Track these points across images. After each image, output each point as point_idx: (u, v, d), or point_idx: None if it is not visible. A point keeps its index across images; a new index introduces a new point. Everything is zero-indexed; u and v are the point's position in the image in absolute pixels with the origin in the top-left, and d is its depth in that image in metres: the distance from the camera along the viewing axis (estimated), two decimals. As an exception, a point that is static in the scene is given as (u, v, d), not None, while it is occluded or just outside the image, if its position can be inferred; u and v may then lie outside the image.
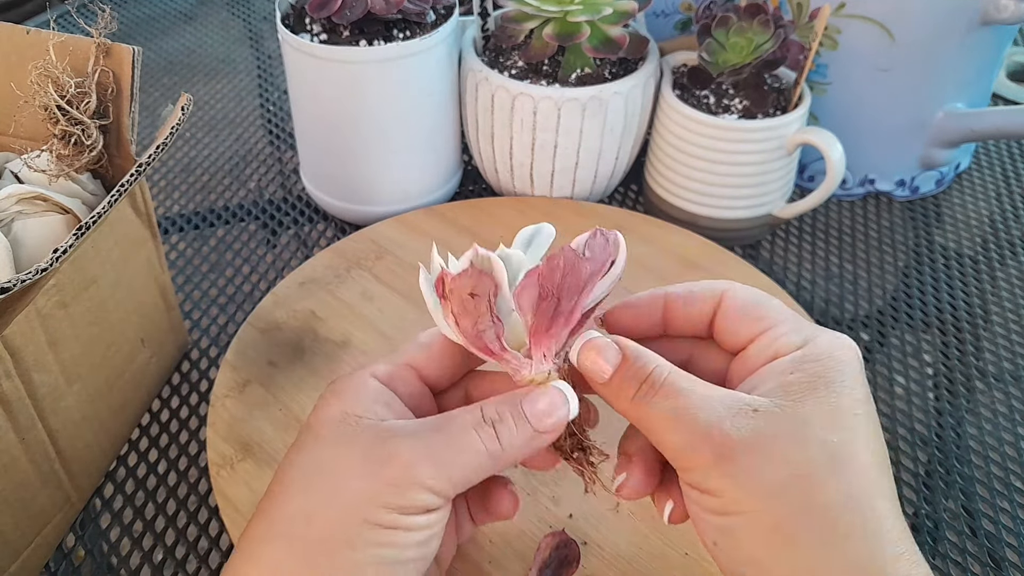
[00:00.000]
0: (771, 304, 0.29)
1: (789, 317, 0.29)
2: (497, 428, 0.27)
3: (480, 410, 0.28)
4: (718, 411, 0.26)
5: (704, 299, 0.30)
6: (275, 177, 0.68)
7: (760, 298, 0.30)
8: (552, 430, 0.28)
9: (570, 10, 0.53)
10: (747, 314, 0.29)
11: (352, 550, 0.25)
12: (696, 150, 0.56)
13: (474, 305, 0.27)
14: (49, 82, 0.39)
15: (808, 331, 0.28)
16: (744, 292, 0.30)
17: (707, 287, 0.30)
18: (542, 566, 0.39)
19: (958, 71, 0.59)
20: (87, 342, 0.40)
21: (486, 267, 0.27)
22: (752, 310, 0.29)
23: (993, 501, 0.45)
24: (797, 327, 0.28)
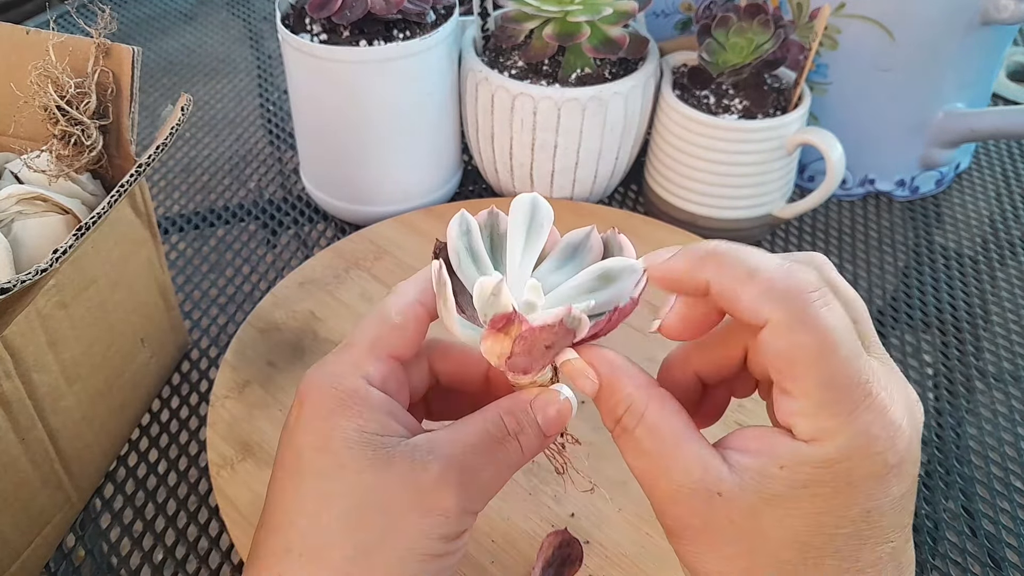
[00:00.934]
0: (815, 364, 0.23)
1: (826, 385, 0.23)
2: (520, 439, 0.27)
3: (502, 422, 0.27)
4: (678, 484, 0.24)
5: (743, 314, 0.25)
6: (275, 177, 0.68)
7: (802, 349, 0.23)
8: (557, 433, 0.28)
9: (570, 10, 0.53)
10: (778, 369, 0.24)
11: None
12: (696, 150, 0.56)
13: (543, 354, 0.27)
14: (49, 82, 0.39)
15: (837, 421, 0.23)
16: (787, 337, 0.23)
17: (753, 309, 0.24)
18: (545, 565, 0.39)
19: (958, 71, 0.59)
20: (87, 342, 0.40)
21: (575, 326, 0.26)
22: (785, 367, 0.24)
23: (993, 501, 0.45)
24: (827, 409, 0.23)
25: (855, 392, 0.23)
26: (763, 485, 0.23)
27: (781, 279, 0.24)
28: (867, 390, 0.23)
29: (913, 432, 0.24)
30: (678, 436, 0.25)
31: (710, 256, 0.25)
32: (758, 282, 0.24)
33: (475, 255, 0.28)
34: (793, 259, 0.25)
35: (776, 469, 0.23)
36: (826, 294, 0.24)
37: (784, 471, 0.23)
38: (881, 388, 0.23)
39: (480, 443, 0.27)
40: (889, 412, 0.23)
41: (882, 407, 0.23)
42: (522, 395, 0.28)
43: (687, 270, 0.26)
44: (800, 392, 0.23)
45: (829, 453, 0.23)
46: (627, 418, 0.26)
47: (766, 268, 0.24)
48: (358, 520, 0.25)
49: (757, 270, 0.24)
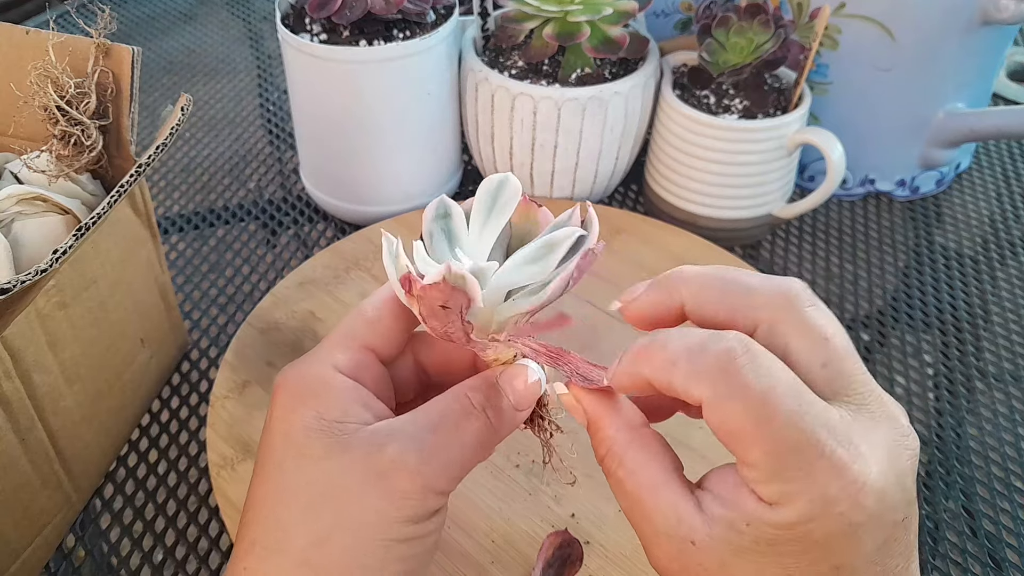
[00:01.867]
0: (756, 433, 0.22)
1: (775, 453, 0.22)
2: (489, 414, 0.27)
3: (467, 398, 0.27)
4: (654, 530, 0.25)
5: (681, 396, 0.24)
6: (275, 177, 0.68)
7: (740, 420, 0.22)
8: (528, 407, 0.28)
9: (570, 10, 0.53)
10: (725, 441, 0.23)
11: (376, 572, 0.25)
12: (696, 150, 0.56)
13: (444, 314, 0.27)
14: (49, 82, 0.39)
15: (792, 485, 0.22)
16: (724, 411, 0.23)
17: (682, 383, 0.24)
18: (545, 565, 0.39)
19: (958, 71, 0.59)
20: (87, 342, 0.40)
21: (459, 284, 0.26)
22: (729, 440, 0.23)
23: (993, 501, 0.45)
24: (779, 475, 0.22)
25: (805, 454, 0.22)
26: (731, 539, 0.23)
27: (698, 358, 0.23)
28: (819, 451, 0.22)
29: (889, 482, 0.23)
30: (655, 484, 0.25)
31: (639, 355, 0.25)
32: (680, 367, 0.24)
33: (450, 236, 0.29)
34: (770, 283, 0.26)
35: (743, 526, 0.23)
36: (755, 356, 0.23)
37: (750, 528, 0.23)
38: (839, 444, 0.22)
39: (442, 421, 0.27)
40: (849, 470, 0.22)
41: (840, 466, 0.22)
42: (488, 373, 0.28)
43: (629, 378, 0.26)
44: (750, 461, 0.23)
45: (790, 517, 0.22)
46: (608, 460, 0.26)
47: (685, 349, 0.24)
48: (315, 508, 0.25)
49: (677, 355, 0.24)
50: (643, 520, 0.25)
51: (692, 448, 0.43)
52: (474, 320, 0.27)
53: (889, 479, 0.23)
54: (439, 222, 0.29)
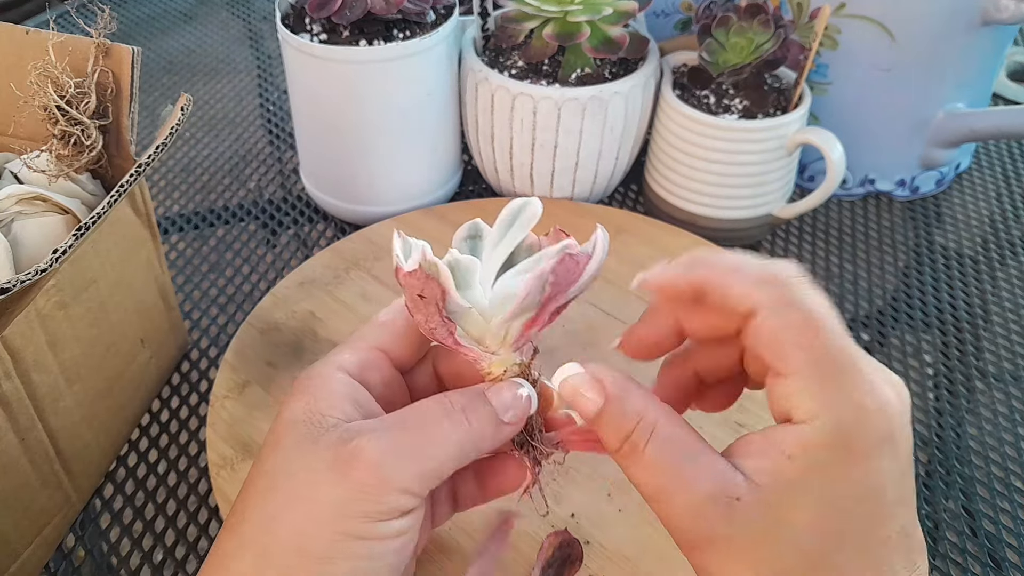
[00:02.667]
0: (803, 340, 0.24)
1: (817, 361, 0.24)
2: (467, 414, 0.27)
3: (447, 400, 0.27)
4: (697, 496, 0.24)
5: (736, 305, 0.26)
6: (275, 177, 0.68)
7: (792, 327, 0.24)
8: (516, 422, 0.28)
9: (570, 10, 0.53)
10: (771, 349, 0.25)
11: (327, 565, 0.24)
12: (696, 150, 0.56)
13: (423, 305, 0.27)
14: (49, 82, 0.39)
15: (831, 393, 0.23)
16: (777, 317, 0.24)
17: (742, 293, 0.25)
18: (545, 565, 0.39)
19: (958, 71, 0.59)
20: (87, 342, 0.40)
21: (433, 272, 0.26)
22: (776, 347, 0.24)
23: (993, 501, 0.45)
24: (820, 383, 0.23)
25: (845, 366, 0.24)
26: (776, 480, 0.24)
27: (765, 269, 0.26)
28: (857, 366, 0.24)
29: (903, 409, 0.24)
30: (692, 448, 0.25)
31: (700, 260, 0.27)
32: (745, 274, 0.26)
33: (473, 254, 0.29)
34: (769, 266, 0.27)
35: (785, 460, 0.24)
36: (807, 282, 0.25)
37: (792, 460, 0.24)
38: (869, 367, 0.24)
39: (415, 420, 0.26)
40: (880, 389, 0.24)
41: (871, 378, 0.24)
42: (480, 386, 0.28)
43: (682, 274, 0.27)
44: (792, 370, 0.24)
45: (828, 427, 0.23)
46: (638, 433, 0.25)
47: (750, 263, 0.26)
48: (272, 490, 0.25)
49: (743, 265, 0.26)
50: (680, 491, 0.25)
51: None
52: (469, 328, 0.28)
53: (903, 408, 0.24)
54: (468, 242, 0.30)
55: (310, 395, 0.27)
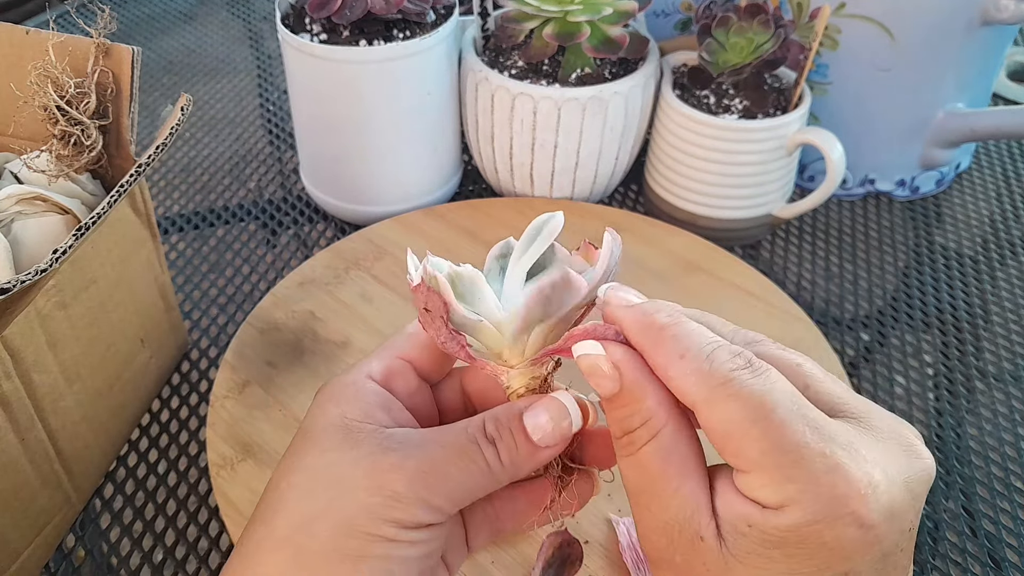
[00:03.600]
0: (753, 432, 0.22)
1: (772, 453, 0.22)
2: (499, 446, 0.27)
3: (482, 425, 0.27)
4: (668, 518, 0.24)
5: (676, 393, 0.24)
6: (275, 177, 0.68)
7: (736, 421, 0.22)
8: (555, 444, 0.27)
9: (570, 10, 0.53)
10: (720, 446, 0.23)
11: (356, 562, 0.25)
12: (696, 150, 0.56)
13: (430, 318, 0.27)
14: (49, 82, 0.39)
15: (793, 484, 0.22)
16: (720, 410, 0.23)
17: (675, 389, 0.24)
18: (545, 565, 0.39)
19: (958, 71, 0.59)
20: (87, 342, 0.40)
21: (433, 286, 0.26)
22: (725, 443, 0.23)
23: (993, 501, 0.45)
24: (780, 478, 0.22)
25: (805, 454, 0.22)
26: (736, 541, 0.23)
27: (705, 360, 0.23)
28: (820, 451, 0.22)
29: (897, 487, 0.22)
30: (684, 468, 0.24)
31: (654, 327, 0.25)
32: (686, 363, 0.24)
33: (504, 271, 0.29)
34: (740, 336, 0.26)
35: (745, 527, 0.23)
36: (757, 368, 0.23)
37: (753, 531, 0.23)
38: (840, 447, 0.22)
39: (451, 442, 0.27)
40: (853, 472, 0.22)
41: (844, 467, 0.22)
42: (517, 403, 0.28)
43: (630, 331, 0.25)
44: (747, 465, 0.23)
45: (796, 519, 0.22)
46: (641, 432, 0.25)
47: (697, 348, 0.24)
48: (309, 491, 0.26)
49: (687, 351, 0.24)
50: (658, 504, 0.24)
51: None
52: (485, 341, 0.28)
53: (898, 485, 0.22)
54: (500, 260, 0.30)
55: (346, 403, 0.28)
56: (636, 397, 0.25)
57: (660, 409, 0.25)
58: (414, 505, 0.26)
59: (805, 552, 0.22)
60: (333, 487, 0.26)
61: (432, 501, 0.26)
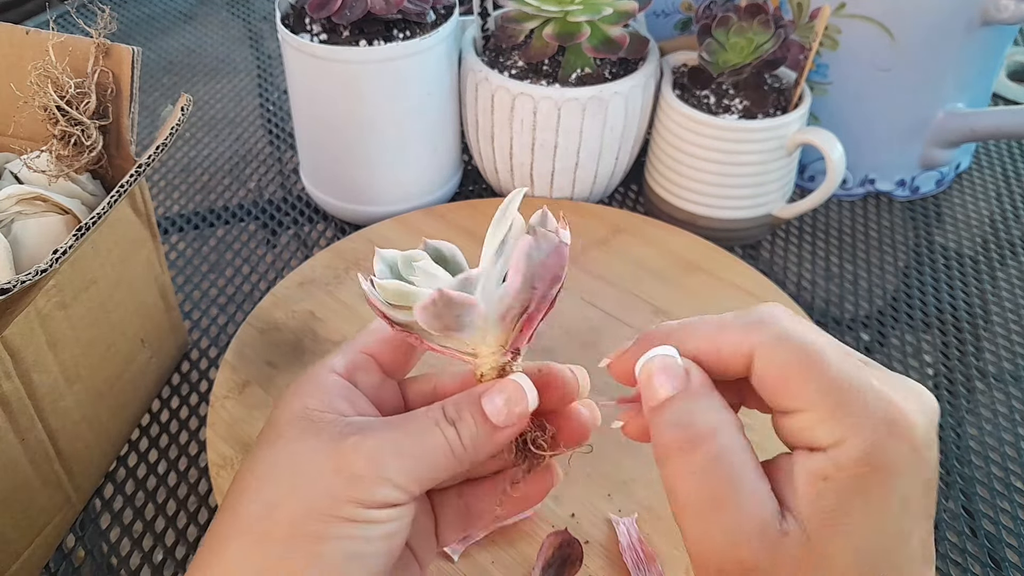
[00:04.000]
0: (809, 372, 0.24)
1: (827, 391, 0.23)
2: (458, 427, 0.27)
3: (441, 409, 0.28)
4: (745, 523, 0.23)
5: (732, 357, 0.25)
6: (275, 177, 0.68)
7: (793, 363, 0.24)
8: (513, 424, 0.28)
9: (570, 10, 0.53)
10: (776, 390, 0.24)
11: (317, 544, 0.25)
12: (696, 150, 0.56)
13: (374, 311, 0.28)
14: (49, 82, 0.39)
15: (851, 418, 0.23)
16: (776, 355, 0.24)
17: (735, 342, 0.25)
18: (545, 565, 0.39)
19: (958, 71, 0.59)
20: (87, 343, 0.40)
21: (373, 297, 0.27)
22: (781, 386, 0.24)
23: (993, 501, 0.45)
24: (835, 412, 0.23)
25: (858, 385, 0.23)
26: (816, 507, 0.23)
27: (749, 316, 0.25)
28: (869, 384, 0.23)
29: (927, 417, 0.24)
30: (756, 469, 0.24)
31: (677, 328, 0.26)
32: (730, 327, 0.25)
33: None
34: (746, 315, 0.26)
35: (822, 483, 0.23)
36: (799, 318, 0.25)
37: (829, 482, 0.23)
38: (881, 383, 0.24)
39: (411, 424, 0.27)
40: (897, 400, 0.23)
41: (888, 397, 0.23)
42: (475, 388, 0.28)
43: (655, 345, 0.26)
44: (804, 404, 0.24)
45: (860, 447, 0.23)
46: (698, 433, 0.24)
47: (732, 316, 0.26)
48: (271, 479, 0.27)
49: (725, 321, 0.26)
50: (733, 514, 0.23)
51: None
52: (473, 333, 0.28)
53: (926, 417, 0.24)
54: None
55: (307, 395, 0.28)
56: (700, 398, 0.25)
57: (722, 409, 0.25)
58: (374, 484, 0.26)
59: (875, 483, 0.23)
60: (295, 474, 0.26)
61: (393, 479, 0.26)
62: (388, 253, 0.29)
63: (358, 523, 0.26)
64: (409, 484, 0.26)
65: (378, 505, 0.26)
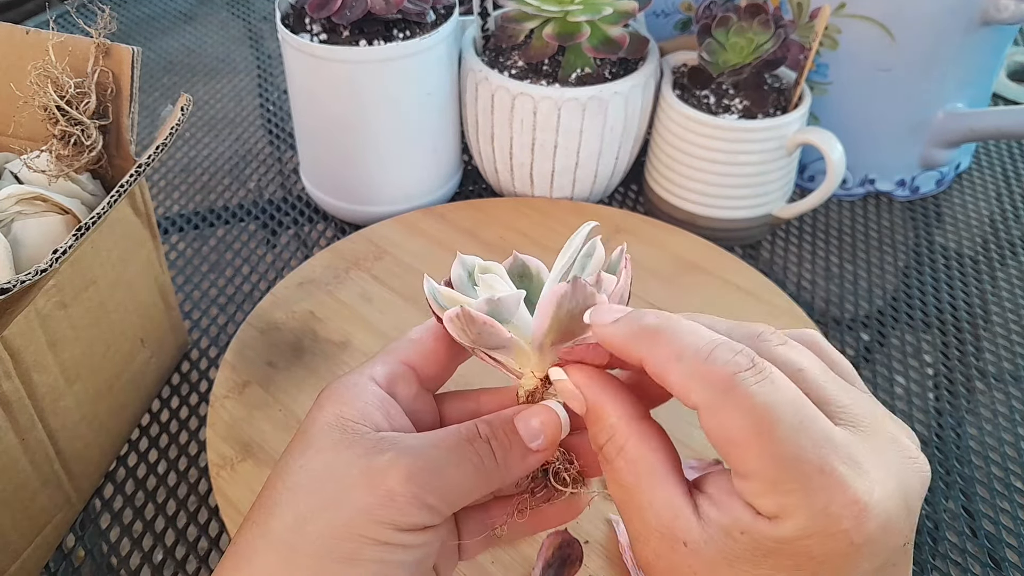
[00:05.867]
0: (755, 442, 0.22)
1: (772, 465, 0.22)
2: (492, 445, 0.27)
3: (475, 427, 0.28)
4: (647, 525, 0.24)
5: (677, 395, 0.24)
6: (275, 177, 0.68)
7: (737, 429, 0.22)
8: (545, 448, 0.28)
9: (570, 10, 0.53)
10: (721, 451, 0.23)
11: (347, 565, 0.25)
12: (696, 150, 0.56)
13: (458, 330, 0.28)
14: (49, 82, 0.39)
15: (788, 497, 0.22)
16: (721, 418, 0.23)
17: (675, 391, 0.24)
18: (545, 565, 0.39)
19: (958, 71, 0.59)
20: (87, 342, 0.40)
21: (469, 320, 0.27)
22: (726, 449, 0.23)
23: (993, 501, 0.45)
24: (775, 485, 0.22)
25: (805, 467, 0.22)
26: (726, 545, 0.23)
27: (705, 362, 0.23)
28: (820, 466, 0.22)
29: (894, 504, 0.22)
30: (655, 477, 0.25)
31: (645, 332, 0.25)
32: (685, 365, 0.23)
33: None
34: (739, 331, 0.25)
35: (738, 534, 0.23)
36: (760, 370, 0.23)
37: (745, 537, 0.23)
38: (840, 461, 0.22)
39: (445, 442, 0.27)
40: (851, 488, 0.21)
41: (842, 483, 0.21)
42: (507, 410, 0.28)
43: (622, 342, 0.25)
44: (746, 472, 0.23)
45: (788, 531, 0.22)
46: (608, 447, 0.26)
47: (694, 349, 0.23)
48: (305, 491, 0.26)
49: (684, 352, 0.24)
50: (636, 514, 0.25)
51: (692, 448, 0.43)
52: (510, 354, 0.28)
53: (894, 501, 0.22)
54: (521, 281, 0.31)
55: (344, 404, 0.28)
56: (599, 414, 0.26)
57: (621, 423, 0.26)
58: (410, 504, 0.25)
59: (793, 564, 0.22)
60: (328, 487, 0.26)
61: (427, 499, 0.26)
62: (469, 259, 0.29)
63: (392, 546, 0.25)
64: (442, 505, 0.26)
65: (412, 528, 0.26)
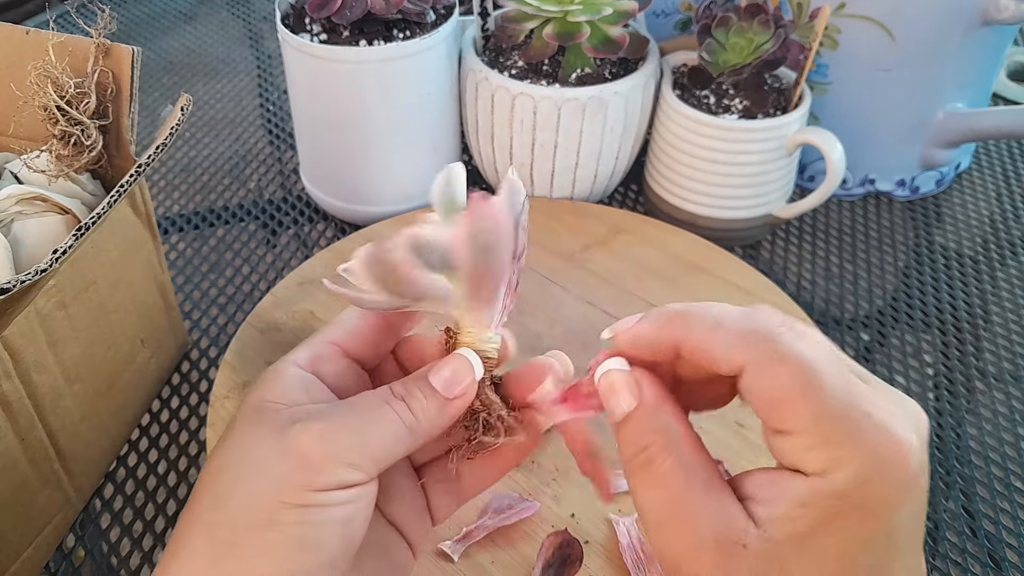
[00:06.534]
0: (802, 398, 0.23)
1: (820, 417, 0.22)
2: (408, 402, 0.27)
3: (390, 388, 0.28)
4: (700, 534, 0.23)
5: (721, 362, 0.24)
6: (275, 177, 0.68)
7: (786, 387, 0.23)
8: (461, 395, 0.28)
9: (570, 10, 0.53)
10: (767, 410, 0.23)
11: (270, 531, 0.25)
12: (696, 150, 0.56)
13: None
14: (48, 82, 0.39)
15: (842, 449, 0.22)
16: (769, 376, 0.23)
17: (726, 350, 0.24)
18: (545, 565, 0.39)
19: (958, 71, 0.59)
20: (87, 342, 0.40)
21: None
22: (773, 407, 0.23)
23: (993, 501, 0.45)
24: (826, 440, 0.22)
25: (853, 414, 0.22)
26: (788, 530, 0.23)
27: (747, 322, 0.24)
28: (865, 410, 0.22)
29: (920, 438, 0.23)
30: (709, 480, 0.24)
31: (676, 316, 0.25)
32: (726, 330, 0.24)
33: None
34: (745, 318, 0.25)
35: (799, 510, 0.22)
36: (795, 326, 0.24)
37: (807, 509, 0.22)
38: (877, 408, 0.22)
39: (361, 404, 0.27)
40: (896, 432, 0.22)
41: (887, 428, 0.22)
42: (423, 368, 0.29)
43: (655, 333, 0.26)
44: (796, 429, 0.23)
45: (848, 481, 0.22)
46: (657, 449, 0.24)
47: (731, 316, 0.24)
48: (222, 472, 0.26)
49: (722, 320, 0.24)
50: (685, 525, 0.24)
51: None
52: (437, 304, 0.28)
53: (920, 443, 0.23)
54: None
55: (263, 388, 0.28)
56: (656, 413, 0.25)
57: (678, 424, 0.25)
58: (324, 464, 0.25)
59: (856, 520, 0.22)
60: (244, 464, 0.26)
61: (345, 457, 0.26)
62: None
63: (310, 508, 0.25)
64: (363, 462, 0.26)
65: (330, 487, 0.25)
